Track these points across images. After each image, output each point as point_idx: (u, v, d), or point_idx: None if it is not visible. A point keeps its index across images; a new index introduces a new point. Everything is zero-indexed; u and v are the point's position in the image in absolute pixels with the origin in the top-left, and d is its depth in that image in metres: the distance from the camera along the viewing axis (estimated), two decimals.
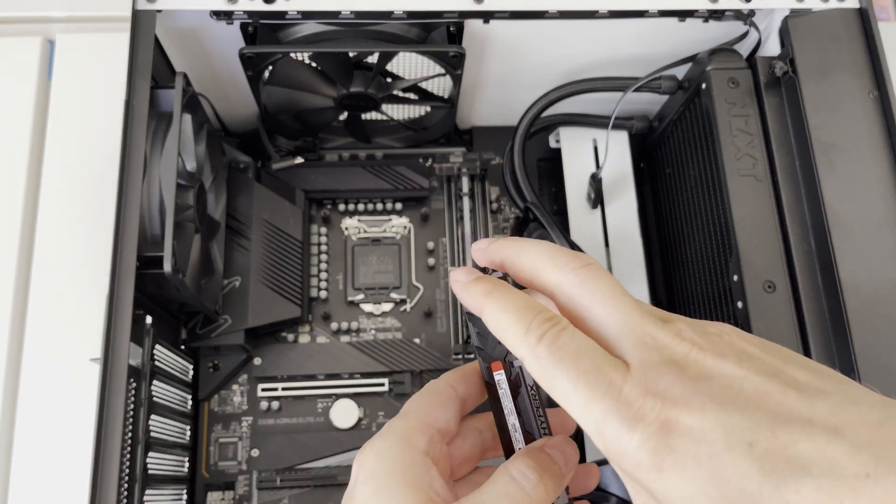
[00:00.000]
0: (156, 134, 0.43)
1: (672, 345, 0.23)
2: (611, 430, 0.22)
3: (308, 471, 0.52)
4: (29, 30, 0.63)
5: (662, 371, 0.22)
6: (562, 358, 0.23)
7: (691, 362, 0.23)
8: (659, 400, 0.22)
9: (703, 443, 0.21)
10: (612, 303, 0.24)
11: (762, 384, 0.22)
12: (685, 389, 0.22)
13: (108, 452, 0.36)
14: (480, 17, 0.46)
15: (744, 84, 0.46)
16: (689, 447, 0.21)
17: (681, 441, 0.21)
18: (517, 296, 0.26)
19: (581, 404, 0.23)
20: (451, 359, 0.55)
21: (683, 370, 0.22)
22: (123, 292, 0.38)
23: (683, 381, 0.22)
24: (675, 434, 0.21)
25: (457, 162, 0.61)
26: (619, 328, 0.24)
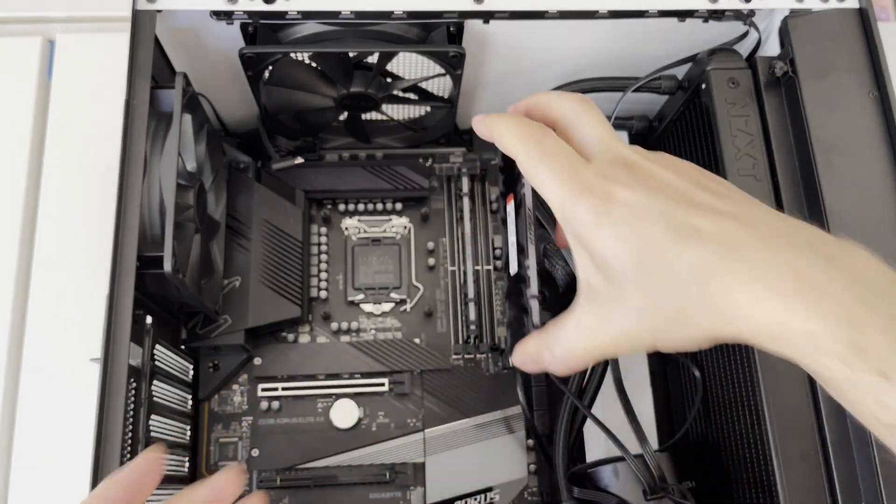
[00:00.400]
0: (156, 134, 0.43)
1: (627, 153, 0.32)
2: (569, 201, 0.31)
3: (308, 471, 0.52)
4: (29, 30, 0.63)
5: (615, 165, 0.31)
6: (543, 152, 0.32)
7: (637, 163, 0.31)
8: (606, 181, 0.30)
9: (632, 210, 0.29)
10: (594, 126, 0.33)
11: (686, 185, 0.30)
12: (628, 176, 0.30)
13: (108, 452, 0.37)
14: (480, 18, 0.46)
15: (744, 84, 0.46)
16: (622, 212, 0.29)
17: (617, 208, 0.30)
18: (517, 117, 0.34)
19: (552, 184, 0.31)
20: (451, 358, 0.55)
21: (630, 167, 0.31)
22: (123, 292, 0.38)
23: (628, 173, 0.31)
24: (614, 203, 0.30)
25: (457, 162, 0.61)
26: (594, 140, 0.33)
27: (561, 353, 0.34)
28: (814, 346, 0.26)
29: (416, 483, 0.52)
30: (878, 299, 0.26)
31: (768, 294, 0.27)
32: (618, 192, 0.30)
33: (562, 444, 0.48)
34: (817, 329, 0.26)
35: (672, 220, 0.29)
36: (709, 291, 0.28)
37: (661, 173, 0.31)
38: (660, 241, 0.29)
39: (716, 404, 0.48)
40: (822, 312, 0.26)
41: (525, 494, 0.53)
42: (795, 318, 0.26)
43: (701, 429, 0.51)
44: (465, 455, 0.53)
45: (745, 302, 0.27)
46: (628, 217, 0.29)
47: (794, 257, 0.27)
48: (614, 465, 0.44)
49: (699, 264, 0.28)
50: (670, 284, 0.29)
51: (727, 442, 0.46)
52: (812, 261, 0.27)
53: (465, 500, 0.52)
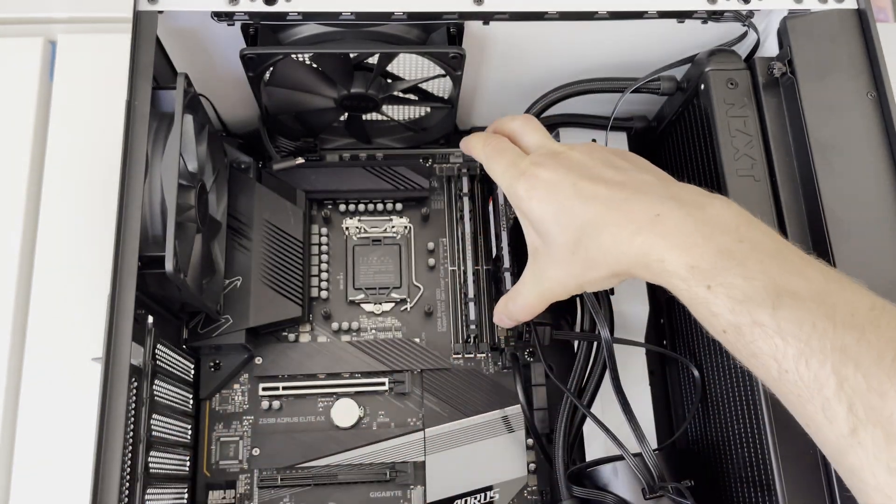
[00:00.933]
0: (157, 134, 0.43)
1: (555, 147, 0.42)
2: (511, 184, 0.41)
3: (309, 470, 0.52)
4: (30, 30, 0.63)
5: (544, 156, 0.41)
6: (495, 151, 0.44)
7: (560, 152, 0.41)
8: (535, 166, 0.41)
9: (551, 184, 0.40)
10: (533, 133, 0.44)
11: (594, 163, 0.40)
12: (551, 161, 0.41)
13: (109, 451, 0.37)
14: (480, 19, 0.46)
15: (742, 85, 0.46)
16: (545, 186, 0.40)
17: (541, 184, 0.40)
18: (484, 133, 0.47)
19: (500, 172, 0.43)
20: (451, 358, 0.56)
21: (555, 155, 0.41)
22: (125, 292, 0.39)
23: (552, 159, 0.41)
24: (539, 180, 0.40)
25: (457, 162, 0.61)
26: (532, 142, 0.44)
27: (521, 301, 0.44)
28: (665, 270, 0.35)
29: (417, 482, 0.52)
30: (716, 234, 0.34)
31: (635, 234, 0.36)
32: (542, 173, 0.40)
33: (561, 443, 0.48)
34: (666, 256, 0.35)
35: (578, 188, 0.39)
36: (602, 237, 0.37)
37: (576, 156, 0.41)
38: (570, 203, 0.39)
39: (714, 403, 0.48)
40: (670, 244, 0.35)
41: (525, 493, 0.53)
42: (653, 249, 0.35)
43: (700, 428, 0.51)
44: (465, 454, 0.53)
45: (623, 241, 0.36)
46: (549, 189, 0.40)
47: (657, 206, 0.36)
48: (613, 464, 0.45)
49: (595, 217, 0.38)
50: (579, 236, 0.38)
51: (726, 441, 0.46)
52: (670, 208, 0.36)
53: (465, 498, 0.52)
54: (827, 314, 0.31)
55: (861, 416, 0.29)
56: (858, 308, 0.31)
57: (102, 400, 0.37)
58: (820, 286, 0.32)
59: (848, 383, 0.29)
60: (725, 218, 0.35)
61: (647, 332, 0.55)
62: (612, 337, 0.46)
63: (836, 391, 0.29)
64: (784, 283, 0.32)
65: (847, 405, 0.29)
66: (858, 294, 0.32)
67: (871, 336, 0.30)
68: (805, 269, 0.33)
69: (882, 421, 0.28)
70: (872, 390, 0.29)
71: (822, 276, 0.33)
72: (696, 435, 0.51)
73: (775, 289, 0.32)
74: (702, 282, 0.33)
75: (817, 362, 0.30)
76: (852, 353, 0.29)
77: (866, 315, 0.31)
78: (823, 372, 0.30)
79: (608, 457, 0.46)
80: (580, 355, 0.50)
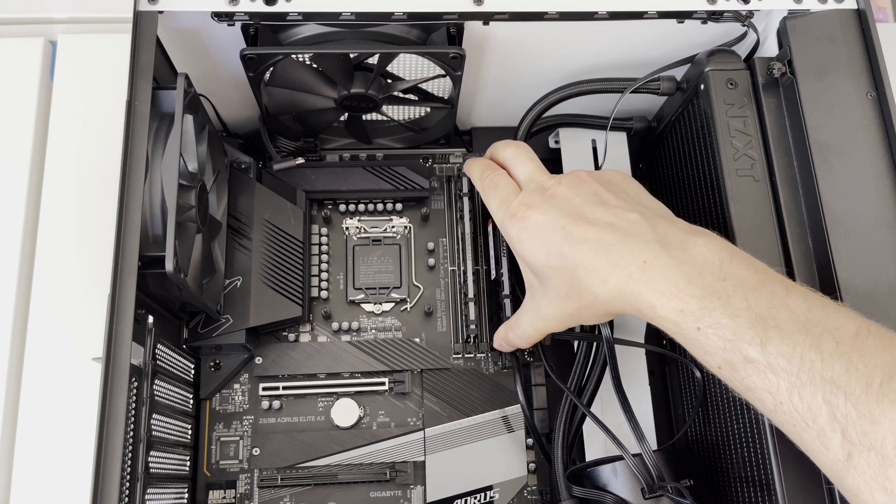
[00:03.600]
0: (157, 134, 0.44)
1: (544, 181, 0.43)
2: (504, 223, 0.43)
3: (309, 469, 0.52)
4: (31, 31, 0.63)
5: (534, 192, 0.43)
6: (490, 186, 0.46)
7: (549, 189, 0.42)
8: (525, 206, 0.42)
9: (540, 227, 0.41)
10: (524, 164, 0.46)
11: (582, 202, 0.41)
12: (540, 200, 0.42)
13: (109, 451, 0.37)
14: (480, 19, 0.47)
15: (742, 85, 0.46)
16: (534, 230, 0.41)
17: (531, 226, 0.41)
18: (482, 161, 0.49)
19: (494, 210, 0.45)
20: (451, 358, 0.56)
21: (544, 192, 0.42)
22: (125, 292, 0.39)
23: (540, 197, 0.42)
24: (529, 223, 0.41)
25: (457, 163, 0.61)
26: (523, 175, 0.45)
27: (519, 332, 0.46)
28: (656, 314, 0.36)
29: (417, 482, 0.52)
30: (701, 275, 0.35)
31: (625, 281, 0.37)
32: (531, 215, 0.42)
33: (561, 443, 0.48)
34: (656, 302, 0.36)
35: (566, 231, 0.40)
36: (591, 282, 0.38)
37: (565, 193, 0.42)
38: (559, 247, 0.40)
39: (714, 403, 0.48)
40: (658, 290, 0.36)
41: (524, 493, 0.53)
42: (643, 296, 0.36)
43: (700, 428, 0.51)
44: (465, 454, 0.53)
45: (612, 288, 0.37)
46: (538, 232, 0.41)
47: (644, 252, 0.37)
48: (613, 464, 0.45)
49: (585, 262, 0.38)
50: (570, 279, 0.40)
51: (726, 441, 0.46)
52: (656, 254, 0.37)
53: (465, 498, 0.52)
54: (813, 345, 0.32)
55: (855, 442, 0.30)
56: (844, 335, 0.32)
57: (102, 400, 0.37)
58: (804, 315, 0.33)
59: (840, 412, 0.30)
60: (709, 256, 0.36)
61: (647, 332, 0.55)
62: (612, 337, 0.46)
63: (830, 420, 0.31)
64: (769, 316, 0.33)
65: (841, 433, 0.30)
66: (843, 320, 0.33)
67: (858, 363, 0.31)
68: (789, 300, 0.34)
69: (876, 445, 0.29)
70: (863, 417, 0.30)
71: (806, 304, 0.34)
72: (696, 435, 0.52)
73: (762, 324, 0.33)
74: (692, 324, 0.35)
75: (809, 394, 0.31)
76: (841, 383, 0.31)
77: (852, 342, 0.32)
78: (815, 402, 0.31)
79: (608, 457, 0.46)
80: (580, 355, 0.50)
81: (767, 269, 0.36)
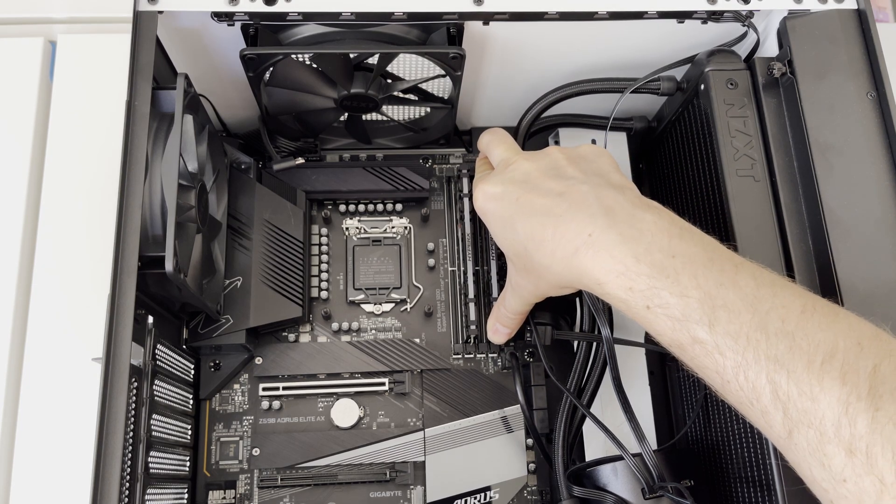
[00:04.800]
0: (157, 134, 0.43)
1: (512, 158, 0.43)
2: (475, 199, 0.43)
3: (309, 470, 0.52)
4: (30, 31, 0.63)
5: (502, 170, 0.43)
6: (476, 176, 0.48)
7: (512, 162, 0.43)
8: (488, 182, 0.42)
9: (496, 199, 0.41)
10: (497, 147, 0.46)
11: (539, 175, 0.41)
12: (503, 175, 0.42)
13: (109, 451, 0.37)
14: (480, 19, 0.47)
15: (742, 85, 0.46)
16: (492, 200, 0.42)
17: (491, 200, 0.42)
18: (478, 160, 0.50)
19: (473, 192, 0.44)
20: (451, 358, 0.56)
21: (508, 167, 0.43)
22: (125, 292, 0.39)
23: (500, 172, 0.43)
24: (487, 196, 0.42)
25: (457, 163, 0.61)
26: (497, 157, 0.45)
27: (506, 310, 0.47)
28: (605, 290, 0.36)
29: (417, 482, 0.52)
30: (649, 251, 0.35)
31: (571, 255, 0.37)
32: (488, 188, 0.42)
33: (561, 443, 0.48)
34: (603, 279, 0.35)
35: (519, 202, 0.40)
36: (540, 254, 0.39)
37: (525, 166, 0.42)
38: (512, 217, 0.40)
39: (714, 403, 0.48)
40: (605, 268, 0.35)
41: (524, 493, 0.53)
42: (590, 272, 0.36)
43: (700, 428, 0.51)
44: (464, 454, 0.53)
45: (560, 261, 0.37)
46: (495, 203, 0.41)
47: (589, 223, 0.36)
48: (613, 464, 0.45)
49: (534, 234, 0.39)
50: (521, 251, 0.40)
51: (726, 441, 0.46)
52: (602, 227, 0.36)
53: (465, 498, 0.52)
54: (760, 324, 0.32)
55: (795, 420, 0.30)
56: (790, 313, 0.32)
57: (102, 400, 0.37)
58: (752, 293, 0.33)
59: (782, 390, 0.31)
60: (658, 232, 0.35)
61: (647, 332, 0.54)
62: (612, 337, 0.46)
63: (773, 399, 0.31)
64: (717, 295, 0.33)
65: (783, 410, 0.31)
66: (790, 297, 0.33)
67: (802, 342, 0.31)
68: (738, 278, 0.34)
69: (815, 423, 0.30)
70: (804, 395, 0.30)
71: (755, 281, 0.33)
72: (696, 435, 0.52)
73: (710, 303, 0.33)
74: (640, 302, 0.34)
75: (753, 373, 0.31)
76: (784, 362, 0.31)
77: (797, 320, 0.32)
78: (760, 382, 0.31)
79: (608, 457, 0.46)
80: (580, 355, 0.50)
81: (717, 246, 0.36)
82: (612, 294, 0.35)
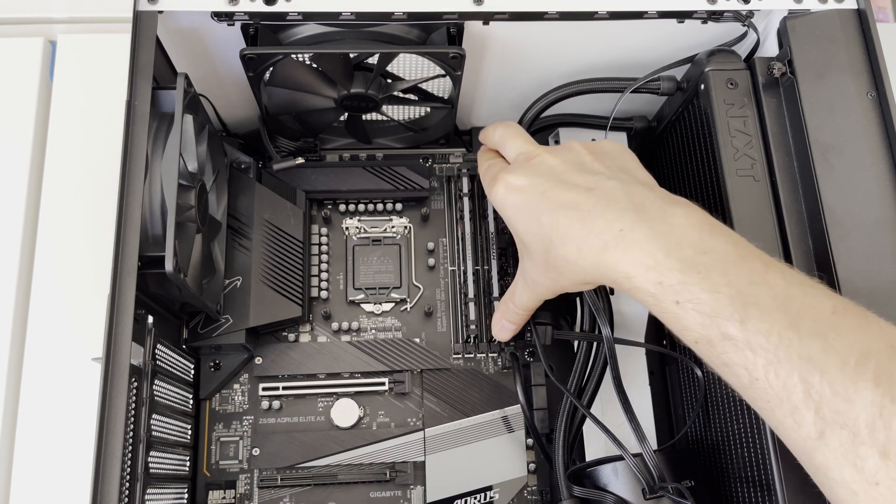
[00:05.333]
0: (157, 134, 0.44)
1: (532, 151, 0.43)
2: (490, 191, 0.43)
3: (309, 470, 0.52)
4: (30, 30, 0.63)
5: (522, 162, 0.42)
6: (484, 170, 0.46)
7: (535, 155, 0.42)
8: (510, 173, 0.42)
9: (520, 191, 0.41)
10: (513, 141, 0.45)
11: (565, 168, 0.40)
12: (525, 167, 0.42)
13: (109, 451, 0.37)
14: (480, 19, 0.47)
15: (742, 85, 0.46)
16: (517, 193, 0.41)
17: (514, 191, 0.41)
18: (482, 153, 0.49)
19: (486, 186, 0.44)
20: (451, 358, 0.56)
21: (530, 159, 0.42)
22: (125, 292, 0.39)
23: (525, 165, 0.42)
24: (510, 187, 0.41)
25: (457, 162, 0.61)
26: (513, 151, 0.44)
27: (515, 306, 0.46)
28: (632, 285, 0.35)
29: (417, 482, 0.52)
30: (680, 247, 0.35)
31: (601, 249, 0.36)
32: (513, 179, 0.41)
33: (561, 443, 0.48)
34: (633, 272, 0.35)
35: (546, 196, 0.39)
36: (567, 249, 0.38)
37: (549, 160, 0.41)
38: (537, 210, 0.39)
39: (714, 403, 0.48)
40: (635, 261, 0.35)
41: (525, 493, 0.53)
42: (619, 266, 0.35)
43: (700, 428, 0.51)
44: (465, 454, 0.53)
45: (589, 255, 0.37)
46: (520, 195, 0.41)
47: (619, 218, 0.36)
48: (613, 464, 0.45)
49: (560, 227, 0.38)
50: (547, 245, 0.39)
51: (726, 441, 0.46)
52: (633, 222, 0.36)
53: (465, 498, 0.52)
54: (792, 323, 0.32)
55: (828, 420, 0.30)
56: (821, 313, 0.32)
57: (102, 400, 0.37)
58: (783, 292, 0.33)
59: (815, 390, 0.31)
60: (689, 228, 0.35)
61: (647, 332, 0.55)
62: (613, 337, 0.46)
63: (804, 398, 0.31)
64: (749, 293, 0.33)
65: (814, 410, 0.31)
66: (821, 297, 0.33)
67: (835, 342, 0.31)
68: (768, 276, 0.34)
69: (849, 423, 0.30)
70: (838, 395, 0.30)
71: (785, 281, 0.34)
72: (696, 435, 0.51)
73: (742, 300, 0.33)
74: (670, 298, 0.34)
75: (785, 372, 0.31)
76: (818, 361, 0.31)
77: (829, 320, 0.32)
78: (791, 380, 0.31)
79: (608, 457, 0.46)
80: (580, 355, 0.50)
81: (747, 244, 0.36)
82: (641, 288, 0.35)
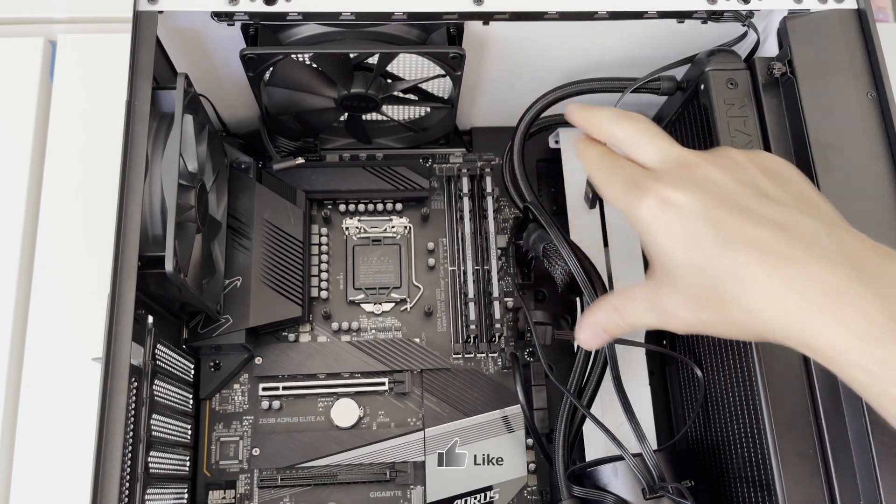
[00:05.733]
0: (157, 134, 0.44)
1: (687, 156, 0.34)
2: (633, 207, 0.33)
3: (309, 470, 0.52)
4: (31, 31, 0.63)
5: (674, 169, 0.33)
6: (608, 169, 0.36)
7: (695, 165, 0.33)
8: (662, 184, 0.32)
9: (683, 212, 0.31)
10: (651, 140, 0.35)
11: (740, 189, 0.32)
12: (684, 179, 0.32)
13: (109, 451, 0.37)
14: (480, 19, 0.47)
15: (742, 85, 0.46)
16: (675, 213, 0.32)
17: (671, 209, 0.32)
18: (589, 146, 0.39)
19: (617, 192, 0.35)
20: (451, 358, 0.56)
21: (688, 168, 0.33)
22: (125, 292, 0.39)
23: (684, 175, 0.33)
24: (668, 204, 0.32)
25: (457, 162, 0.61)
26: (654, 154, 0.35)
27: (625, 323, 0.37)
28: (843, 359, 0.28)
29: (417, 482, 0.52)
30: None
31: (799, 308, 0.29)
32: (672, 195, 0.32)
33: (561, 443, 0.48)
34: (845, 345, 0.28)
35: (720, 224, 0.31)
36: (747, 297, 0.30)
37: (717, 175, 0.33)
38: (708, 243, 0.31)
39: (714, 403, 0.48)
40: (850, 330, 0.28)
41: (525, 493, 0.53)
42: (824, 333, 0.28)
43: (700, 428, 0.51)
44: (465, 454, 0.53)
45: (779, 312, 0.29)
46: (681, 218, 0.32)
47: (829, 273, 0.29)
48: (613, 464, 0.44)
49: (740, 271, 0.30)
50: (716, 286, 0.31)
51: (726, 441, 0.46)
52: (846, 277, 0.28)
53: (465, 498, 0.52)
54: None
55: None
56: None
57: (102, 400, 0.37)
58: None
59: None
60: None
61: (647, 332, 0.54)
62: None
63: None
64: None
65: None
66: None
67: None
68: None
69: None
70: None
71: None
72: (696, 435, 0.51)
73: None
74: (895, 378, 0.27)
75: None
76: None
77: None
78: None
79: (608, 457, 0.46)
80: (580, 355, 0.50)
81: None
82: (854, 362, 0.28)
